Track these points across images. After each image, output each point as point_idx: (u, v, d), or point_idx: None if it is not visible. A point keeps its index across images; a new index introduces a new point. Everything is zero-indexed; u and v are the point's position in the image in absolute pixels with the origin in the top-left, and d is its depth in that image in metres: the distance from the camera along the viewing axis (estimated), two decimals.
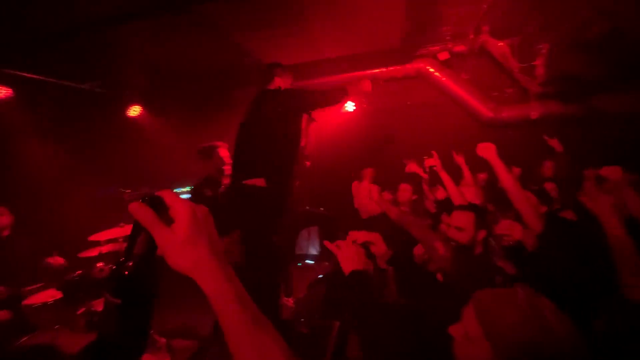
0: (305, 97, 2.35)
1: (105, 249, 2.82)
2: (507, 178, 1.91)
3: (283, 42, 3.96)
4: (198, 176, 2.89)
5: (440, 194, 3.63)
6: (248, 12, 3.12)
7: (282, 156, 2.27)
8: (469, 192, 3.42)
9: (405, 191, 3.58)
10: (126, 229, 2.72)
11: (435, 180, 3.59)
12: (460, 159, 3.93)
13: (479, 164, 4.18)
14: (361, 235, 1.52)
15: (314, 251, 5.38)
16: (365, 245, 1.55)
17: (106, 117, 4.11)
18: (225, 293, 0.54)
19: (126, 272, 0.50)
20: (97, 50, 3.42)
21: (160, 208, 0.53)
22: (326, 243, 1.45)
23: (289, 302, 3.76)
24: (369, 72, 4.71)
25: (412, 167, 3.46)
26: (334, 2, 3.25)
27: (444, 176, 2.87)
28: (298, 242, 5.44)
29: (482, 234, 1.92)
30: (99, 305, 2.69)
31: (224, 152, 2.87)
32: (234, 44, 3.74)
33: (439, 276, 1.99)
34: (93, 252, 2.83)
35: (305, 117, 2.53)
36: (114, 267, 0.52)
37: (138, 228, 0.52)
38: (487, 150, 1.97)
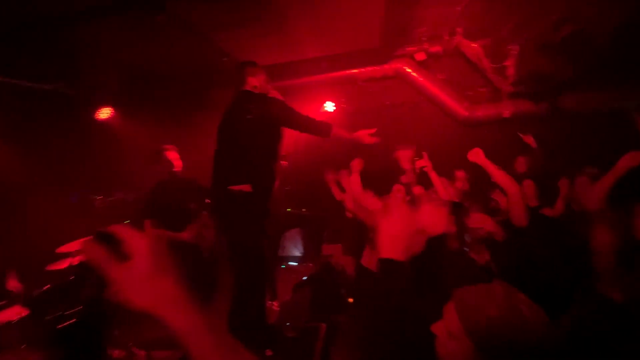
0: (290, 115, 2.28)
1: (76, 260, 2.65)
2: (499, 175, 2.06)
3: (262, 42, 3.90)
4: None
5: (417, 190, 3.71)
6: (225, 11, 3.03)
7: (265, 160, 2.21)
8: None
9: (398, 192, 3.61)
10: None
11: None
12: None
13: (458, 162, 4.34)
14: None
15: (297, 252, 5.35)
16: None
17: (74, 120, 3.88)
18: (198, 326, 0.50)
19: (74, 320, 0.46)
20: (63, 48, 3.22)
21: (114, 244, 0.49)
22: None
23: (274, 305, 3.71)
24: (348, 71, 4.74)
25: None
26: (313, 2, 3.23)
27: (434, 177, 2.97)
28: (280, 243, 5.39)
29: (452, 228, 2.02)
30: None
31: (173, 155, 2.76)
32: (211, 43, 3.64)
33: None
34: (62, 265, 2.64)
35: None
36: (60, 315, 0.48)
37: (86, 269, 0.48)
38: (476, 156, 2.25)
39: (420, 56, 4.52)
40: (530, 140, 3.73)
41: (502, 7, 3.52)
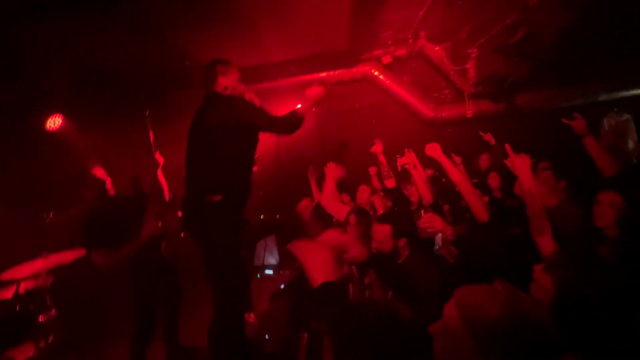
0: (259, 117, 2.09)
1: (23, 286, 2.34)
2: (454, 172, 2.12)
3: (228, 45, 3.78)
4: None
5: (390, 184, 3.77)
6: (185, 9, 2.88)
7: (238, 167, 2.08)
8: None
9: (364, 192, 3.63)
10: (50, 261, 2.29)
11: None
12: (409, 158, 4.13)
13: (425, 161, 4.46)
14: (334, 238, 1.46)
15: (272, 261, 5.20)
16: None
17: (19, 129, 3.49)
18: None
19: None
20: (3, 48, 2.89)
21: None
22: (290, 247, 1.35)
23: (250, 317, 3.56)
24: (317, 75, 4.74)
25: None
26: (280, 6, 3.18)
27: (416, 175, 2.99)
28: (255, 252, 5.22)
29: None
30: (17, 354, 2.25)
31: (100, 171, 2.43)
32: (170, 44, 3.46)
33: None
34: (7, 294, 2.34)
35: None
36: None
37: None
38: (433, 150, 2.26)
39: (387, 59, 4.63)
40: (489, 137, 3.93)
41: (460, 12, 3.70)
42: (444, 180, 4.48)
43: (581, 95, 4.22)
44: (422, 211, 2.18)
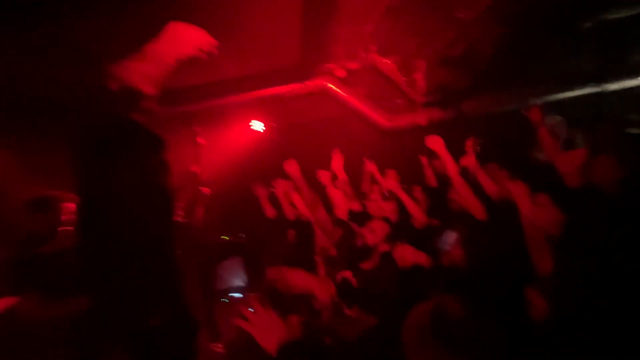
0: None
1: None
2: (453, 167, 2.15)
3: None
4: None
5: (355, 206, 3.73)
6: (123, 33, 2.72)
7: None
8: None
9: None
10: None
11: None
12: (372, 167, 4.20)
13: (384, 168, 4.56)
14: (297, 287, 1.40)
15: (239, 282, 5.00)
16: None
17: None
18: None
19: None
20: None
21: None
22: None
23: (218, 347, 3.36)
24: (273, 90, 4.72)
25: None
26: (228, 23, 3.14)
27: (405, 198, 2.92)
28: (219, 275, 4.99)
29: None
30: None
31: (71, 205, 2.06)
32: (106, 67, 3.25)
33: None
34: None
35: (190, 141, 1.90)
36: None
37: None
38: (435, 143, 2.31)
39: (341, 72, 4.73)
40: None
41: (406, 27, 3.90)
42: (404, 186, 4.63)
43: (518, 99, 4.61)
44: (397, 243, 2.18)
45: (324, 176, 3.37)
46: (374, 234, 2.04)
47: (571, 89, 4.71)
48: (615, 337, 1.41)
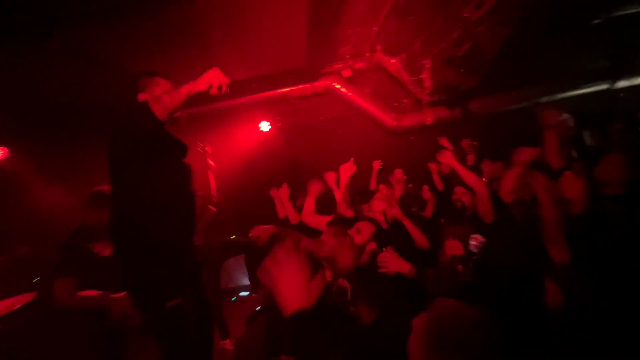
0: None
1: None
2: (469, 176, 2.20)
3: (185, 67, 3.71)
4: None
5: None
6: (135, 38, 2.82)
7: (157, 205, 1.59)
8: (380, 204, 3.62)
9: None
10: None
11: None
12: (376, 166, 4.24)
13: (392, 168, 4.58)
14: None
15: (246, 281, 5.08)
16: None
17: None
18: None
19: None
20: None
21: None
22: (259, 274, 1.27)
23: (227, 344, 3.43)
24: (279, 91, 4.78)
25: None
26: (235, 26, 3.20)
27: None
28: (227, 273, 5.08)
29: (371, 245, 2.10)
30: None
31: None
32: (122, 71, 3.35)
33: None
34: None
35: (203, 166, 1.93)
36: None
37: None
38: (446, 157, 2.41)
39: (347, 73, 4.77)
40: (446, 142, 4.16)
41: (411, 27, 3.91)
42: (410, 185, 4.65)
43: (524, 98, 4.57)
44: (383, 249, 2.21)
45: (329, 178, 3.37)
46: (360, 235, 2.06)
47: (580, 86, 4.67)
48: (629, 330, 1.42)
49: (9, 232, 3.06)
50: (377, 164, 4.18)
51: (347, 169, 3.26)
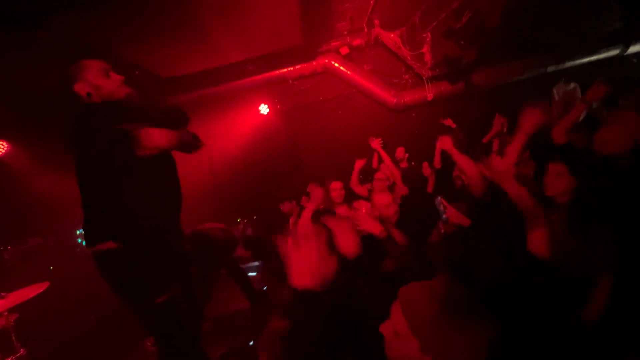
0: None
1: None
2: (462, 159, 2.26)
3: (179, 51, 3.67)
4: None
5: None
6: (124, 23, 2.76)
7: (137, 201, 1.55)
8: (390, 173, 3.69)
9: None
10: (10, 299, 2.17)
11: None
12: (376, 144, 4.22)
13: (394, 146, 4.55)
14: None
15: (255, 262, 5.20)
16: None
17: None
18: None
19: None
20: None
21: None
22: (277, 242, 1.28)
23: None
24: (277, 72, 4.69)
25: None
26: (228, 7, 3.11)
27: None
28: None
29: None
30: None
31: None
32: (115, 57, 3.31)
33: None
34: None
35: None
36: None
37: None
38: (445, 143, 2.41)
39: (344, 50, 4.64)
40: (449, 122, 4.09)
41: None
42: (413, 163, 4.62)
43: (530, 68, 4.41)
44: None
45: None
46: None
47: (590, 53, 4.46)
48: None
49: (21, 224, 3.17)
50: (377, 143, 4.14)
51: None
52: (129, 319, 1.59)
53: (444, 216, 2.15)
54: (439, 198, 2.18)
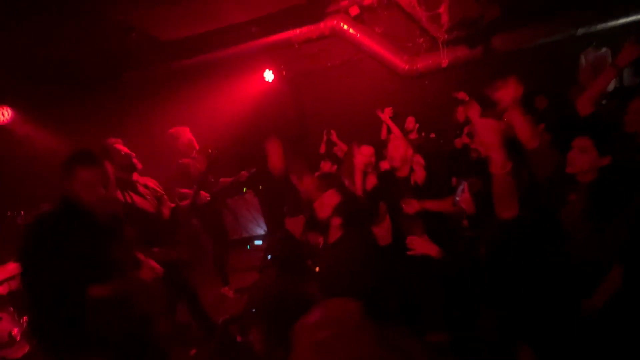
0: None
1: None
2: (483, 125, 2.05)
3: (176, 11, 3.44)
4: None
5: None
6: None
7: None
8: (401, 144, 3.51)
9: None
10: None
11: None
12: (385, 116, 4.04)
13: (404, 114, 4.37)
14: None
15: (261, 231, 5.26)
16: None
17: None
18: None
19: None
20: None
21: None
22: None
23: (228, 292, 3.63)
24: (282, 35, 4.42)
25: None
26: None
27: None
28: (242, 225, 5.26)
29: None
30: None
31: (122, 146, 2.32)
32: (110, 19, 3.12)
33: None
34: None
35: None
36: None
37: None
38: (472, 110, 2.34)
39: (354, 10, 4.31)
40: (462, 95, 3.86)
41: None
42: (423, 134, 4.45)
43: (558, 30, 4.04)
44: None
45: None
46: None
47: (624, 14, 4.04)
48: None
49: (25, 189, 3.19)
50: (387, 114, 3.96)
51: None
52: None
53: (456, 198, 2.04)
54: (465, 183, 2.02)
